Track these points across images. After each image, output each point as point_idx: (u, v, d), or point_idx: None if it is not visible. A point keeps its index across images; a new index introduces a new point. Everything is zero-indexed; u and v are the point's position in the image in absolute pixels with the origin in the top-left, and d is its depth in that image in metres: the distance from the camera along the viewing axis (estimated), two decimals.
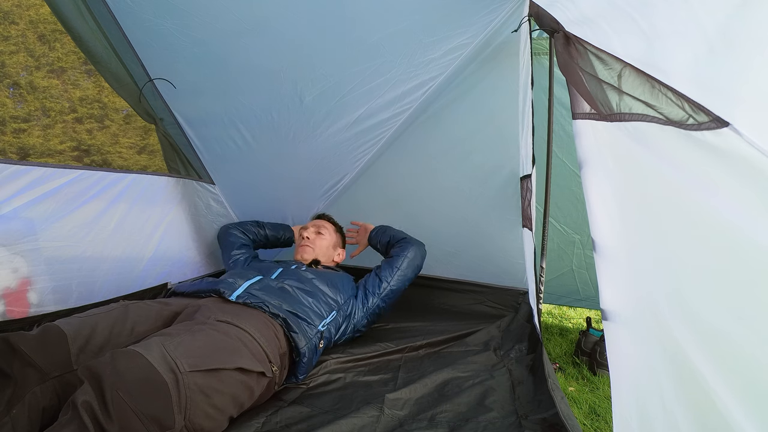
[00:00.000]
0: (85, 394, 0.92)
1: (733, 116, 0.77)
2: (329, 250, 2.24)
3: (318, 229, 2.24)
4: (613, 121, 0.92)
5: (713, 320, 0.73)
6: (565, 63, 1.01)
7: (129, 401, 0.91)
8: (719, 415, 0.69)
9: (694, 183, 0.81)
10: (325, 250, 2.21)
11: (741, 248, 0.71)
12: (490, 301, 2.47)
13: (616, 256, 0.88)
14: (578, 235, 2.84)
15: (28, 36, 1.48)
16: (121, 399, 0.91)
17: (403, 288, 2.01)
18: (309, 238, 2.19)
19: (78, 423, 0.89)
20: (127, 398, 0.91)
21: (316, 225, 2.28)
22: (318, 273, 1.89)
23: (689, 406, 0.74)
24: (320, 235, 2.23)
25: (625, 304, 0.86)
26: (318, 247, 2.19)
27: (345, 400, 1.35)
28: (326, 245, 2.22)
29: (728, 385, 0.69)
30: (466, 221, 2.46)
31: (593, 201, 0.92)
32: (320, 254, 2.18)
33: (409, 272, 2.02)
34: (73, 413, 0.91)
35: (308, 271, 1.88)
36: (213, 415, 1.07)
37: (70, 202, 1.65)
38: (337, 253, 2.30)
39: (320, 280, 1.82)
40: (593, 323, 2.61)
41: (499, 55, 1.97)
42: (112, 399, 0.91)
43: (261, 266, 1.92)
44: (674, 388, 0.77)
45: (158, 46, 1.67)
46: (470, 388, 1.47)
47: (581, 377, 2.30)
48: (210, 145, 2.14)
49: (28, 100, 1.53)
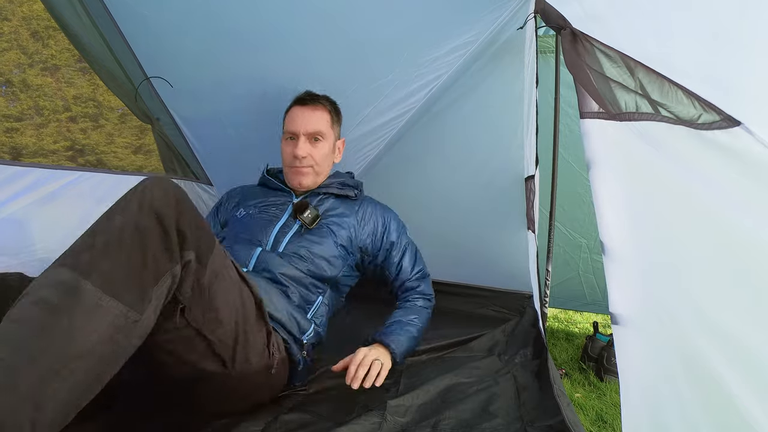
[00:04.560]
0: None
1: (745, 115, 0.77)
2: (329, 158, 1.73)
3: (314, 134, 1.63)
4: (621, 120, 0.92)
5: (731, 325, 0.73)
6: (572, 61, 1.01)
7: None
8: (746, 425, 0.69)
9: (705, 183, 0.81)
10: (326, 161, 1.70)
11: (755, 250, 0.71)
12: (495, 306, 2.47)
13: (626, 259, 0.88)
14: (584, 239, 2.83)
15: (21, 33, 1.48)
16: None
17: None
18: (303, 158, 1.62)
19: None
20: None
21: (309, 126, 1.62)
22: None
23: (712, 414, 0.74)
24: (318, 142, 1.65)
25: (636, 307, 0.86)
26: (320, 163, 1.66)
27: (346, 407, 1.35)
28: (327, 152, 1.69)
29: (754, 392, 0.69)
30: (470, 223, 2.46)
31: (602, 202, 0.92)
32: (323, 170, 1.70)
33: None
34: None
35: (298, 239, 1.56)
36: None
37: (64, 204, 1.65)
38: (338, 152, 1.79)
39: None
40: (600, 328, 2.61)
41: (504, 53, 1.97)
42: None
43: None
44: (695, 395, 0.77)
45: (155, 43, 1.67)
46: (474, 394, 1.46)
47: (588, 383, 2.29)
48: (208, 146, 2.14)
49: (21, 99, 1.53)
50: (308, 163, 1.63)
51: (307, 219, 1.58)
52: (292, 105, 1.69)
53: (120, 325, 0.80)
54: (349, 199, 1.73)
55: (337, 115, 1.73)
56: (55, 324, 0.75)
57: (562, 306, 3.23)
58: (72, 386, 0.76)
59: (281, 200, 1.68)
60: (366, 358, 1.39)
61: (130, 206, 0.87)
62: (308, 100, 1.65)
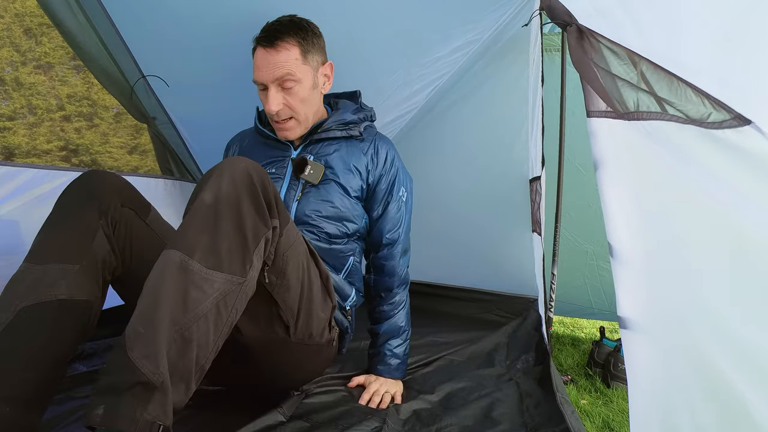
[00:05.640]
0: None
1: (755, 114, 0.77)
2: (312, 98, 1.48)
3: (283, 80, 1.39)
4: (630, 119, 0.92)
5: (744, 330, 0.72)
6: (578, 58, 1.01)
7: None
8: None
9: (715, 183, 0.81)
10: (308, 104, 1.47)
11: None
12: (499, 310, 2.46)
13: (635, 261, 0.88)
14: (590, 245, 2.82)
15: (14, 30, 1.48)
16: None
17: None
18: (278, 111, 1.42)
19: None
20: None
21: (275, 71, 1.38)
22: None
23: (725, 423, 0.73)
24: (291, 86, 1.40)
25: (645, 311, 0.85)
26: (301, 111, 1.45)
27: (346, 414, 1.34)
28: (306, 94, 1.44)
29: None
30: (474, 226, 2.46)
31: (610, 204, 0.91)
32: (308, 113, 1.48)
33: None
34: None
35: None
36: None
37: None
38: (325, 79, 1.52)
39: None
40: (607, 332, 2.60)
41: (509, 51, 1.97)
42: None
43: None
44: (707, 403, 0.76)
45: (152, 41, 1.67)
46: (476, 400, 1.46)
47: (594, 390, 2.28)
48: (205, 146, 2.13)
49: (14, 97, 1.53)
50: (285, 115, 1.44)
51: (311, 177, 1.44)
52: (255, 46, 1.43)
53: (228, 290, 0.95)
54: (356, 138, 1.54)
55: (310, 43, 1.42)
56: (177, 298, 0.89)
57: (567, 314, 3.22)
58: (196, 345, 0.91)
59: (279, 155, 1.53)
60: (378, 393, 1.46)
61: (220, 183, 0.97)
62: (268, 38, 1.38)
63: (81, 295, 1.04)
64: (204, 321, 0.92)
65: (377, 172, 1.53)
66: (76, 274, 1.04)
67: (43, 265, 1.03)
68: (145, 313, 0.88)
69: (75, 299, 1.03)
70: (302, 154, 1.49)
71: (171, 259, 0.92)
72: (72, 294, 1.03)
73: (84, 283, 1.06)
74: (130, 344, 0.85)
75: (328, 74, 1.52)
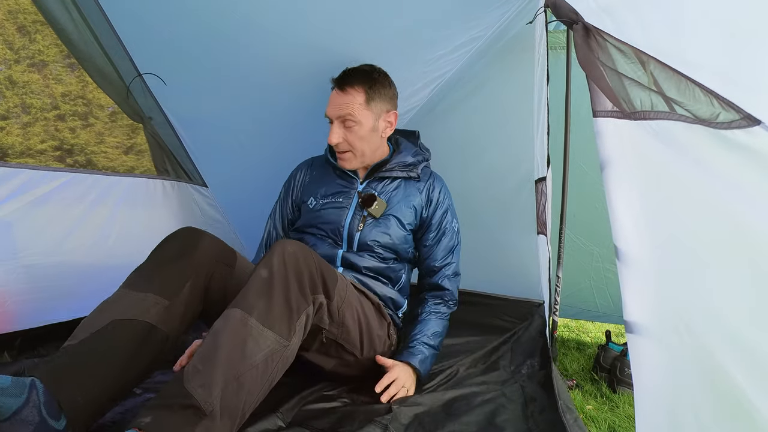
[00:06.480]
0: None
1: (764, 113, 0.77)
2: (371, 139, 1.68)
3: (344, 118, 1.62)
4: (637, 119, 0.91)
5: (754, 335, 0.72)
6: (585, 57, 1.01)
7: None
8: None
9: (724, 185, 0.80)
10: (366, 143, 1.67)
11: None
12: (504, 314, 2.45)
13: (642, 264, 0.87)
14: (596, 247, 2.81)
15: (7, 27, 1.48)
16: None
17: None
18: (336, 144, 1.65)
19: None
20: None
21: (339, 110, 1.62)
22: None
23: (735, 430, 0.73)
24: (352, 126, 1.62)
25: (653, 315, 0.85)
26: (358, 147, 1.66)
27: (346, 419, 1.34)
28: (365, 134, 1.65)
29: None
30: (478, 228, 2.45)
31: (616, 205, 0.91)
32: (366, 155, 1.70)
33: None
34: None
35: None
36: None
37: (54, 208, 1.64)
38: (387, 125, 1.71)
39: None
40: (613, 337, 2.59)
41: (513, 49, 1.96)
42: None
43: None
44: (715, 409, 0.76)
45: (148, 39, 1.67)
46: (480, 405, 1.46)
47: (600, 395, 2.28)
48: (203, 146, 2.13)
49: (7, 96, 1.53)
50: (344, 148, 1.67)
51: (375, 211, 1.68)
52: (332, 86, 1.67)
53: (276, 349, 1.14)
54: (414, 179, 1.77)
55: (376, 92, 1.63)
56: (236, 344, 1.09)
57: (572, 317, 3.21)
58: (246, 390, 1.08)
59: (346, 185, 1.76)
60: (398, 381, 1.53)
61: (273, 262, 1.20)
62: (340, 81, 1.64)
63: (164, 326, 1.23)
64: (255, 371, 1.09)
65: (431, 208, 1.77)
66: (166, 308, 1.23)
67: (142, 293, 1.23)
68: (205, 355, 1.06)
69: (158, 328, 1.21)
70: (367, 189, 1.73)
71: (233, 315, 1.12)
72: (158, 323, 1.21)
73: (169, 318, 1.24)
74: (187, 377, 1.01)
75: (392, 121, 1.72)
